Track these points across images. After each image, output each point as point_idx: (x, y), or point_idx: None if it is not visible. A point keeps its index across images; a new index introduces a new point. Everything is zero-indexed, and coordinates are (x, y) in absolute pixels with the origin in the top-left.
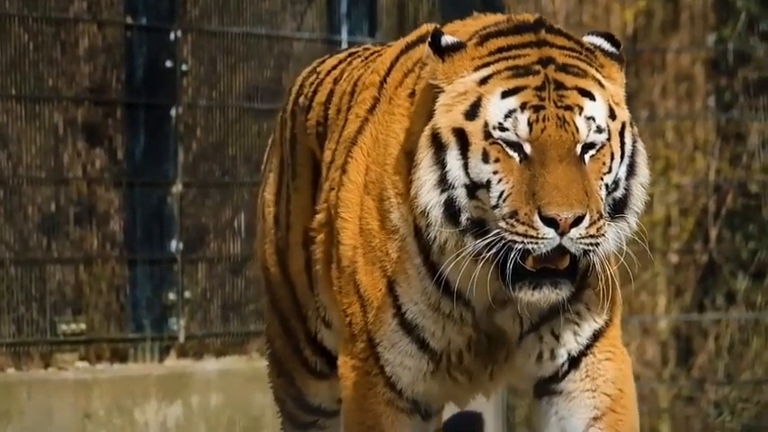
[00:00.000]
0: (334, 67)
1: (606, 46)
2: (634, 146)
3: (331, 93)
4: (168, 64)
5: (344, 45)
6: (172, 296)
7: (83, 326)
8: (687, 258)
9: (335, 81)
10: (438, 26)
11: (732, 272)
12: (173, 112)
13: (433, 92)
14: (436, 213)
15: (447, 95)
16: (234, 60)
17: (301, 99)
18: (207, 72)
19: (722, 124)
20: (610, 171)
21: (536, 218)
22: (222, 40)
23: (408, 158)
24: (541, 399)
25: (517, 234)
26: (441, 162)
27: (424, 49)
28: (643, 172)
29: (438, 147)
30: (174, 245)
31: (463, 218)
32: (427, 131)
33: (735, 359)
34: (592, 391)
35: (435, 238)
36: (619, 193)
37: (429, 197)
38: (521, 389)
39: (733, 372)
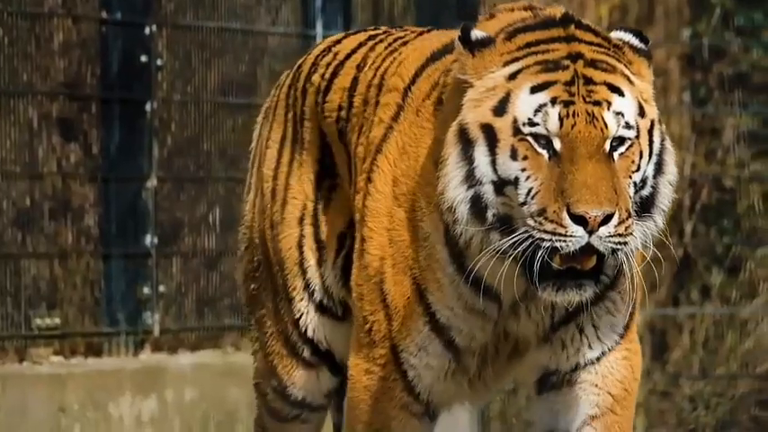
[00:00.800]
0: (354, 51)
1: (635, 42)
2: (662, 144)
3: (355, 80)
4: (143, 59)
5: (319, 40)
6: (146, 290)
7: (57, 320)
8: (662, 253)
9: (359, 68)
10: (467, 22)
11: (707, 266)
12: (147, 106)
13: (461, 87)
14: (463, 209)
15: (476, 90)
16: (209, 55)
17: (315, 77)
18: (182, 67)
19: (697, 119)
20: (638, 169)
21: (565, 215)
22: (197, 35)
23: (437, 165)
24: (544, 390)
25: (545, 232)
26: (468, 158)
27: (451, 58)
28: (671, 170)
29: (466, 142)
30: (149, 239)
31: (490, 214)
32: (455, 127)
33: (709, 354)
34: (598, 387)
35: (461, 234)
36: (646, 192)
37: (456, 193)
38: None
39: (708, 366)
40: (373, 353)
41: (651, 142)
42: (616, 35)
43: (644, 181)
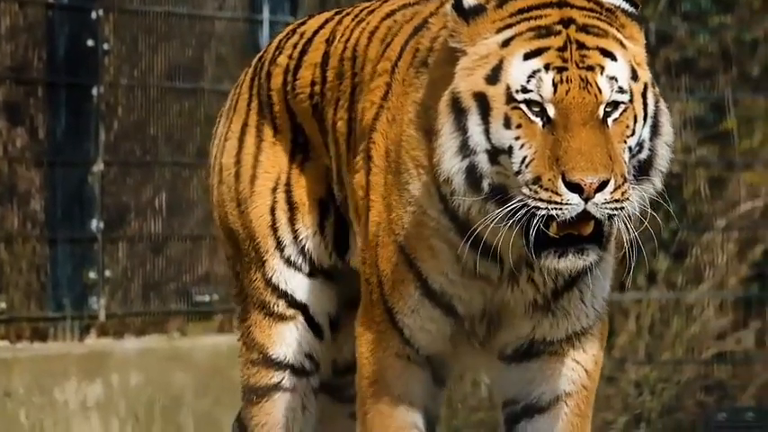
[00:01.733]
0: (322, 26)
1: (626, 6)
2: (657, 106)
3: (326, 54)
4: (90, 43)
5: (266, 24)
6: (92, 275)
7: (3, 305)
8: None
9: (328, 42)
10: None
11: (653, 252)
12: (94, 91)
13: (454, 55)
14: (459, 180)
15: (468, 58)
16: (155, 40)
17: (282, 59)
18: (128, 51)
19: None
20: (633, 134)
21: (560, 183)
22: (144, 20)
23: (426, 129)
24: (524, 359)
25: (541, 200)
26: (462, 128)
27: (436, 26)
28: (667, 131)
29: (459, 112)
30: (95, 224)
31: (485, 184)
32: (447, 96)
33: (655, 339)
34: (577, 362)
35: (459, 205)
36: (643, 155)
37: (451, 164)
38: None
39: (653, 351)
40: (373, 313)
41: (645, 105)
42: (613, 0)
43: (640, 144)
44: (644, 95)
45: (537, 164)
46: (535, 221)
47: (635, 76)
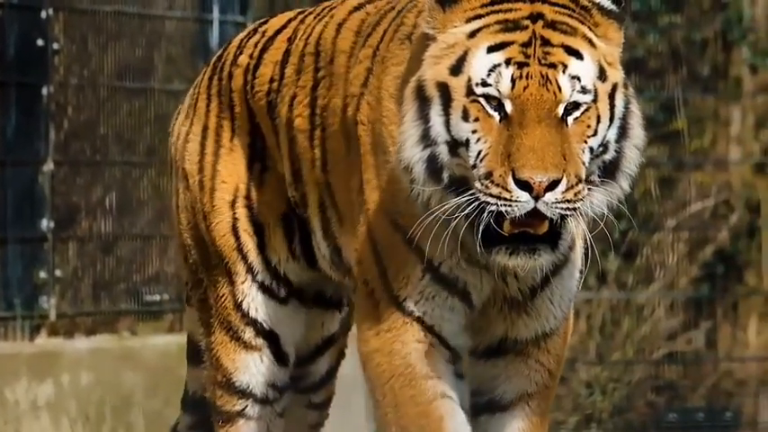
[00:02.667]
0: (284, 26)
1: (606, 3)
2: (627, 108)
3: (287, 52)
4: (39, 42)
5: (216, 24)
6: (43, 275)
7: None
8: None
9: (290, 40)
10: None
11: (603, 252)
12: (44, 90)
13: (425, 42)
14: (419, 169)
15: (437, 46)
16: (105, 39)
17: (242, 58)
18: (78, 51)
19: None
20: (595, 134)
21: (510, 180)
22: (94, 19)
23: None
24: (492, 355)
25: (491, 196)
26: (424, 117)
27: (422, 3)
28: (637, 134)
29: (422, 100)
30: (45, 223)
31: (445, 175)
32: (413, 83)
33: (606, 339)
34: (541, 364)
35: (419, 194)
36: (609, 156)
37: (412, 152)
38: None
39: (604, 352)
40: (377, 314)
41: (612, 106)
42: None
43: (605, 145)
44: (611, 96)
45: (490, 159)
46: (484, 217)
47: (602, 77)
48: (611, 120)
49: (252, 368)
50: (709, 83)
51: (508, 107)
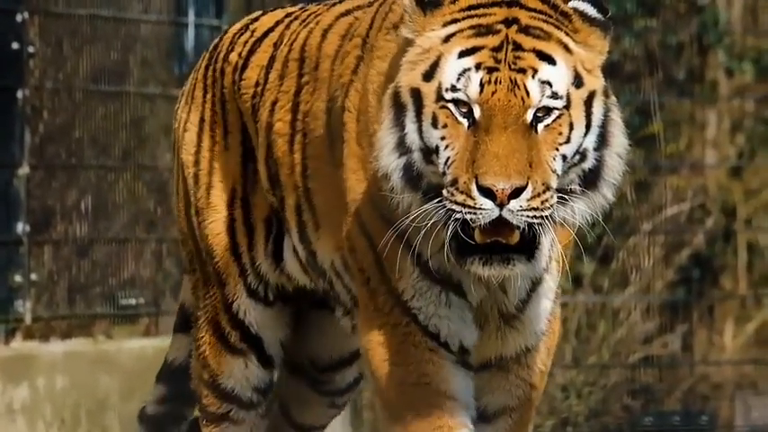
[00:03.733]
0: (272, 29)
1: (590, 11)
2: (606, 115)
3: (272, 58)
4: (15, 46)
5: (191, 27)
6: (18, 278)
7: None
8: None
9: (276, 45)
10: None
11: (578, 256)
12: (19, 94)
13: (406, 47)
14: (396, 177)
15: (413, 51)
16: (81, 42)
17: (233, 56)
18: (54, 54)
19: None
20: (569, 141)
21: (473, 187)
22: (69, 22)
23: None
24: (479, 369)
25: (456, 203)
26: (400, 124)
27: None
28: (618, 142)
29: (398, 107)
30: (21, 227)
31: (423, 183)
32: (391, 90)
33: (581, 343)
34: (523, 381)
35: (399, 202)
36: (588, 165)
37: (388, 160)
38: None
39: (580, 355)
40: (377, 303)
41: (589, 114)
42: (572, 4)
43: (582, 154)
44: (588, 103)
45: (456, 166)
46: (451, 225)
47: (578, 83)
48: (588, 127)
49: (237, 373)
50: (685, 86)
51: (477, 113)
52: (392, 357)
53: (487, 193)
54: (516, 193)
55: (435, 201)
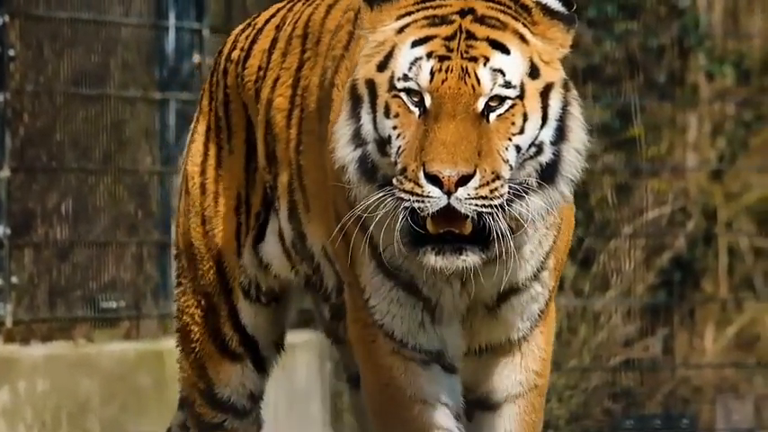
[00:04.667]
0: (273, 15)
1: (553, 4)
2: (565, 109)
3: (275, 40)
4: None
5: (172, 30)
6: None
7: None
8: None
9: (278, 28)
10: None
11: None
12: (0, 97)
13: (361, 42)
14: (352, 169)
15: (369, 45)
16: (61, 46)
17: (235, 53)
18: (34, 57)
19: None
20: (522, 132)
21: (421, 175)
22: (49, 26)
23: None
24: (477, 356)
25: (405, 192)
26: (356, 116)
27: None
28: (577, 137)
29: (355, 99)
30: (2, 230)
31: (379, 175)
32: (349, 83)
33: (562, 346)
34: (522, 368)
35: (357, 194)
36: (545, 159)
37: (344, 152)
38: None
39: (561, 359)
40: (353, 296)
41: (546, 106)
42: None
43: (539, 146)
44: (544, 95)
45: (406, 154)
46: (401, 214)
47: (534, 74)
48: (544, 119)
49: (234, 380)
50: (666, 89)
51: (427, 101)
52: (366, 358)
53: (434, 180)
54: (463, 180)
55: (386, 190)
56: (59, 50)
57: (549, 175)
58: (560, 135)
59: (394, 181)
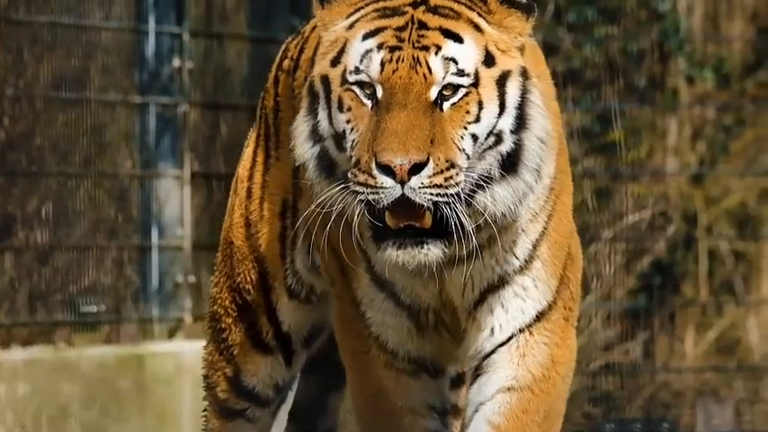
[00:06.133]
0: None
1: None
2: (524, 97)
3: (318, 46)
4: None
5: (152, 34)
6: None
7: None
8: None
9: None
10: None
11: None
12: None
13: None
14: (312, 166)
15: (323, 44)
16: (41, 50)
17: (286, 62)
18: (14, 61)
19: None
20: (478, 120)
21: (373, 165)
22: (29, 30)
23: None
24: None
25: (359, 184)
26: (314, 112)
27: None
28: (538, 125)
29: (312, 96)
30: None
31: (338, 171)
32: (307, 81)
33: None
34: (515, 364)
35: (319, 192)
36: (506, 148)
37: (303, 149)
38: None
39: None
40: (344, 308)
41: (503, 94)
42: None
43: (498, 135)
44: (501, 83)
45: (359, 147)
46: (357, 208)
47: (489, 62)
48: (502, 107)
49: (262, 371)
50: (646, 94)
51: (379, 92)
52: (357, 367)
53: (387, 170)
54: (416, 169)
55: (342, 184)
56: (39, 54)
57: (511, 164)
58: (521, 123)
59: (349, 174)
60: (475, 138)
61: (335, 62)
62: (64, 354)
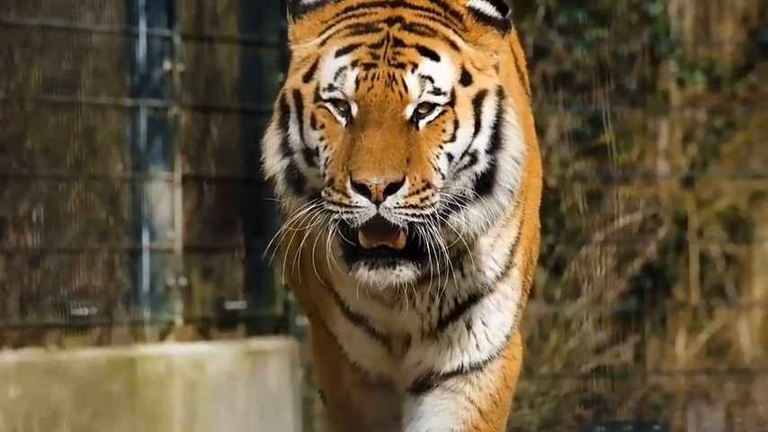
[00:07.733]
0: None
1: (487, 10)
2: (500, 117)
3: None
4: None
5: (143, 37)
6: None
7: None
8: None
9: None
10: None
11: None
12: None
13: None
14: (280, 179)
15: (295, 59)
16: (32, 52)
17: None
18: (5, 64)
19: None
20: (454, 140)
21: (348, 185)
22: (20, 32)
23: None
24: (420, 391)
25: (333, 203)
26: (285, 126)
27: None
28: (513, 145)
29: (284, 110)
30: None
31: (307, 186)
32: (280, 94)
33: (534, 353)
34: (471, 402)
35: (286, 207)
36: (481, 168)
37: (272, 161)
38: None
39: (532, 365)
40: (319, 336)
41: (478, 113)
42: (470, 3)
43: (473, 155)
44: (477, 102)
45: (333, 165)
46: (331, 227)
47: (466, 81)
48: (478, 127)
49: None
50: (637, 96)
51: (354, 110)
52: (326, 378)
53: (362, 189)
54: (392, 188)
55: (315, 203)
56: (30, 57)
57: (485, 185)
58: (496, 143)
59: (322, 193)
60: (450, 157)
61: (308, 78)
62: (55, 356)
